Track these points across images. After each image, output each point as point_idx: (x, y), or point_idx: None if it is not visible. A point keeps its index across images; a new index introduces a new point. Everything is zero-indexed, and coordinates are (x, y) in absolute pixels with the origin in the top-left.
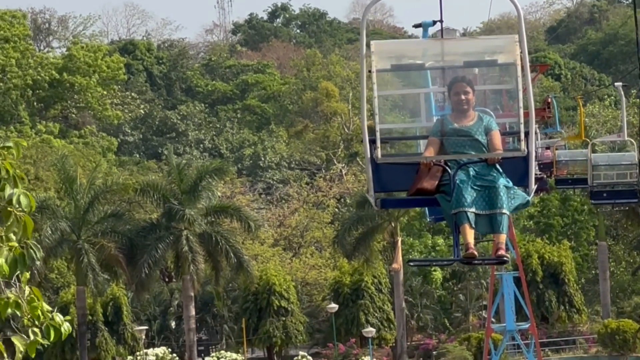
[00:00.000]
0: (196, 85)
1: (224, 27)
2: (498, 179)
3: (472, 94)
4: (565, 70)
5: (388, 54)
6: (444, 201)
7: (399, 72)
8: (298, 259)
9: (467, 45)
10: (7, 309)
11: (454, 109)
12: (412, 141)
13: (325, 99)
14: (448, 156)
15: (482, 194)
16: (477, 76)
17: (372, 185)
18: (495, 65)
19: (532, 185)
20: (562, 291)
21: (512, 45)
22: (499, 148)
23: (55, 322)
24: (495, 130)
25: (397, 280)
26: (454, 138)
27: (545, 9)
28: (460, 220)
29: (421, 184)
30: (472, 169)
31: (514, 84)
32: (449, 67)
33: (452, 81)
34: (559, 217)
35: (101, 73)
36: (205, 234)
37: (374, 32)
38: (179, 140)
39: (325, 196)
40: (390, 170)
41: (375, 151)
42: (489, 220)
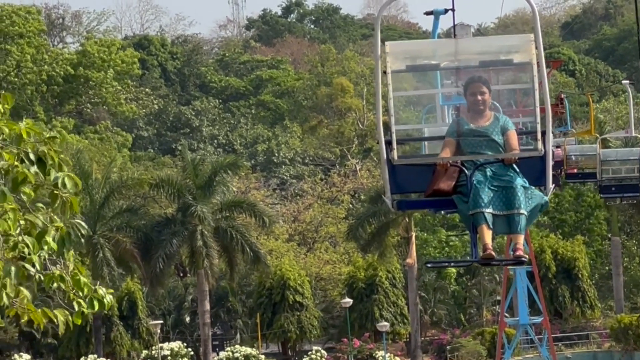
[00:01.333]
0: (210, 81)
1: (238, 23)
2: (515, 179)
3: (489, 94)
4: (580, 66)
5: (403, 54)
6: (461, 202)
7: (414, 72)
8: (312, 254)
9: (482, 45)
10: (53, 283)
11: (470, 109)
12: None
13: (339, 95)
14: (465, 157)
15: (499, 194)
16: (492, 74)
17: (388, 186)
18: (511, 64)
19: (550, 184)
20: (575, 286)
21: (527, 45)
22: (515, 148)
23: (98, 295)
24: (511, 130)
25: (411, 275)
26: (471, 138)
27: (561, 4)
28: (478, 221)
29: (438, 185)
30: (489, 170)
31: (530, 84)
32: (464, 67)
33: (468, 81)
34: (573, 212)
35: (116, 67)
36: (220, 229)
37: (388, 27)
38: (193, 135)
39: (340, 191)
40: (406, 171)
41: (392, 152)
42: (507, 221)
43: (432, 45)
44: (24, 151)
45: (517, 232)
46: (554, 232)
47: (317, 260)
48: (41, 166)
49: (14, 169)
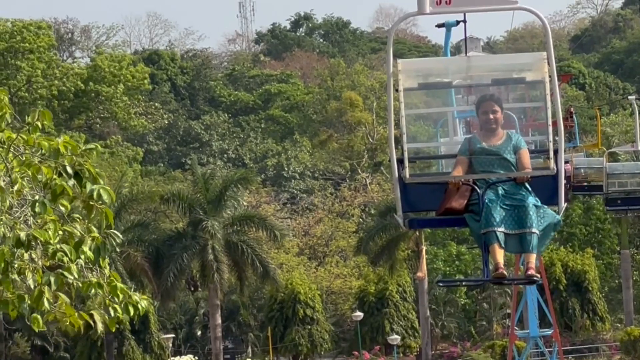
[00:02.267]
0: (220, 96)
1: (247, 37)
2: (527, 197)
3: (501, 112)
4: (590, 80)
5: (415, 72)
6: (472, 221)
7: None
8: (323, 267)
9: (494, 63)
10: (91, 289)
11: (482, 127)
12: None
13: (349, 109)
14: (477, 175)
15: (511, 213)
16: (503, 91)
17: (400, 205)
18: (523, 83)
19: (562, 203)
20: (585, 299)
21: (540, 63)
22: (528, 167)
23: (132, 300)
24: (524, 149)
25: (422, 289)
26: (483, 157)
27: (570, 17)
28: (490, 240)
29: (450, 204)
30: (501, 188)
31: (542, 102)
32: (476, 84)
33: (480, 100)
34: (583, 225)
35: (126, 82)
36: (231, 243)
37: (398, 41)
38: (203, 150)
39: (350, 205)
40: (418, 190)
41: (403, 171)
42: (519, 240)
43: (444, 63)
44: (61, 165)
45: (529, 251)
46: (564, 245)
47: (327, 274)
48: (78, 179)
49: (52, 182)
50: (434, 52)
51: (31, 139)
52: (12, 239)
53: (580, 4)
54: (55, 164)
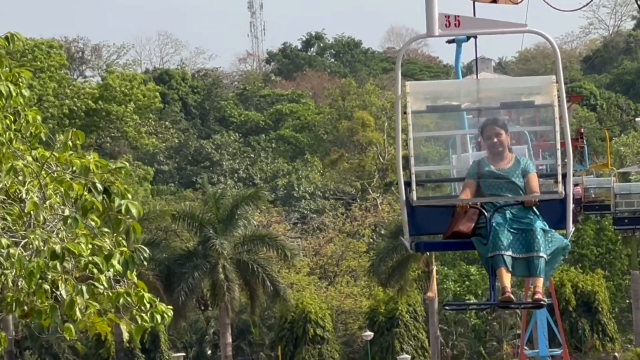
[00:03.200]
0: (230, 115)
1: (258, 56)
2: (535, 221)
3: (505, 134)
4: (601, 100)
5: (424, 95)
6: (480, 244)
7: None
8: (333, 287)
9: (503, 86)
10: (120, 299)
11: (489, 151)
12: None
13: (360, 129)
14: (484, 199)
15: (519, 237)
16: (512, 113)
17: (407, 228)
18: (533, 106)
19: (570, 228)
20: (595, 320)
21: (549, 87)
22: (536, 191)
23: (158, 310)
24: (532, 173)
25: (432, 309)
26: (491, 180)
27: (582, 38)
28: (497, 263)
29: (457, 227)
30: (509, 212)
31: (551, 125)
32: (485, 108)
33: (483, 125)
34: (593, 246)
35: (137, 101)
36: (242, 262)
37: (409, 61)
38: (213, 169)
39: (361, 225)
40: (425, 213)
41: (411, 194)
42: (526, 264)
43: (453, 86)
44: (91, 182)
45: (537, 276)
46: (575, 266)
47: (338, 294)
48: (107, 195)
49: (83, 198)
50: (445, 72)
51: (63, 157)
52: (47, 251)
53: (592, 24)
54: (86, 181)
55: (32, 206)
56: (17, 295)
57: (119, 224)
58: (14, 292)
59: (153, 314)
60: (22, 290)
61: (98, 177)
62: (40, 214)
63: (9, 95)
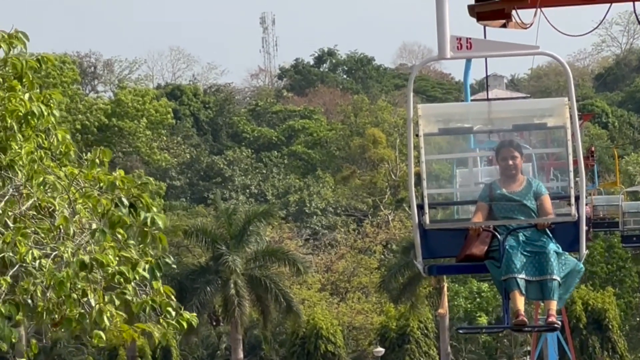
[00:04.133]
0: (243, 131)
1: (270, 72)
2: (548, 244)
3: (520, 158)
4: (613, 118)
5: (435, 117)
6: (493, 267)
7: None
8: (345, 303)
9: (515, 108)
10: (145, 307)
11: (502, 173)
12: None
13: (372, 146)
14: (497, 222)
15: (532, 259)
16: (525, 134)
17: (420, 251)
18: (545, 128)
19: (583, 250)
20: (605, 337)
21: (561, 109)
22: (550, 213)
23: (183, 318)
24: (545, 195)
25: (443, 325)
26: (503, 203)
27: (594, 56)
28: (510, 286)
29: (470, 250)
30: (522, 235)
31: (563, 148)
32: (497, 130)
33: (500, 146)
34: (603, 264)
35: (149, 117)
36: (254, 278)
37: (421, 78)
38: (225, 185)
39: (372, 242)
40: (438, 236)
41: (423, 217)
42: (540, 287)
43: (465, 108)
44: (117, 197)
45: (550, 298)
46: (585, 283)
47: (349, 310)
48: (133, 209)
49: (110, 213)
50: (457, 89)
51: (90, 174)
52: (76, 262)
53: (605, 42)
54: (112, 196)
55: (62, 220)
56: (47, 305)
57: (146, 235)
58: (45, 301)
59: (179, 321)
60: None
61: (124, 192)
62: (71, 227)
63: (40, 115)
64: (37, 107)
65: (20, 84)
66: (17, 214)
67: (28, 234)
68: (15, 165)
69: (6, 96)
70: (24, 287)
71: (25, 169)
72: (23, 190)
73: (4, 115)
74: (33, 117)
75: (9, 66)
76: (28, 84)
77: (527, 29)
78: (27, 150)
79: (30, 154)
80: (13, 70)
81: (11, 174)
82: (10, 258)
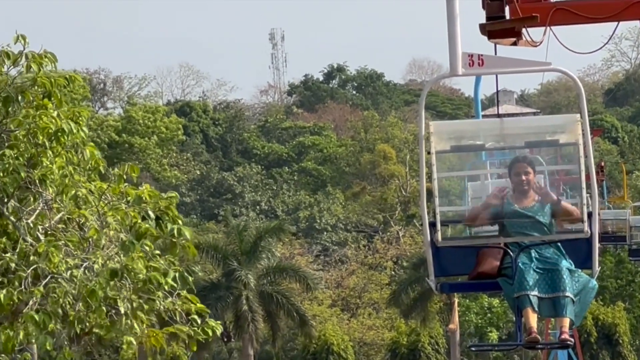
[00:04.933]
0: (252, 147)
1: (279, 88)
2: (561, 261)
3: (533, 174)
4: (623, 133)
5: (447, 134)
6: (505, 284)
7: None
8: (356, 319)
9: (527, 125)
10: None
11: (515, 189)
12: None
13: (382, 162)
14: (509, 239)
15: (545, 276)
16: (533, 150)
17: (432, 269)
18: (557, 145)
19: (596, 267)
20: (616, 352)
21: (573, 125)
22: (575, 211)
23: (209, 326)
24: (563, 202)
25: (454, 341)
26: (516, 220)
27: (604, 71)
28: (523, 304)
29: (482, 268)
30: (534, 251)
31: (575, 164)
32: (509, 147)
33: (513, 161)
34: (613, 279)
35: (160, 134)
36: (265, 293)
37: (431, 93)
38: (236, 201)
39: (383, 258)
40: (450, 253)
41: (435, 234)
42: (552, 304)
43: (477, 125)
44: (144, 210)
45: (563, 316)
46: (595, 298)
47: (360, 326)
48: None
49: (137, 225)
50: (467, 105)
51: (117, 189)
52: (107, 271)
53: (614, 57)
54: (140, 209)
55: (93, 232)
56: (78, 315)
57: (174, 246)
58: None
59: (205, 328)
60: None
61: (151, 205)
62: (101, 238)
63: (70, 132)
64: (67, 124)
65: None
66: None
67: (59, 246)
68: (47, 180)
69: (37, 114)
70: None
71: (55, 184)
72: (53, 204)
73: (35, 132)
74: (63, 134)
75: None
76: (57, 101)
77: (537, 46)
78: (58, 166)
79: (61, 169)
80: (42, 88)
81: (42, 189)
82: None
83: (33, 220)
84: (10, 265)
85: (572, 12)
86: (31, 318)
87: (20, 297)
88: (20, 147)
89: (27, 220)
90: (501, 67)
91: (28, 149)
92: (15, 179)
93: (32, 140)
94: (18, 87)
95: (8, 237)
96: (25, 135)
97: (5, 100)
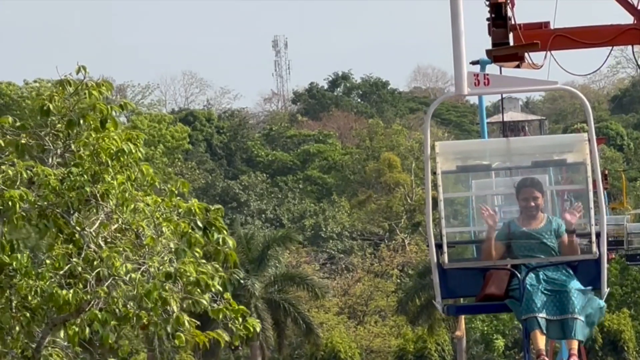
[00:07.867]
0: (257, 156)
1: (283, 96)
2: (569, 282)
3: (541, 198)
4: (628, 140)
5: (453, 155)
6: (514, 306)
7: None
8: (362, 327)
9: (534, 145)
10: (220, 315)
11: (522, 212)
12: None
13: (387, 170)
14: (517, 260)
15: (553, 298)
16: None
17: (438, 291)
18: (564, 165)
19: (605, 288)
20: (621, 358)
21: (581, 145)
22: (573, 249)
23: (249, 324)
24: (565, 235)
25: (460, 348)
26: (522, 241)
27: (609, 77)
28: (531, 326)
29: (490, 290)
30: (542, 273)
31: (583, 184)
32: (516, 167)
33: (520, 185)
34: (618, 286)
35: (165, 143)
36: (273, 301)
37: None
38: (241, 210)
39: (389, 266)
40: (457, 275)
41: (442, 256)
42: (561, 326)
43: (483, 145)
44: (193, 221)
45: (571, 338)
46: None
47: (367, 333)
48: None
49: (187, 234)
50: (471, 112)
51: (169, 203)
52: (162, 274)
53: (620, 64)
54: (190, 220)
55: (150, 240)
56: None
57: (219, 253)
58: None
59: (246, 326)
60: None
61: (200, 217)
62: (157, 245)
63: (130, 152)
64: (126, 145)
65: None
66: (106, 235)
67: (120, 252)
68: (110, 194)
69: (100, 136)
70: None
71: (116, 197)
72: (113, 215)
73: (98, 152)
74: (123, 154)
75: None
76: (112, 125)
77: (539, 69)
78: (119, 182)
79: (121, 184)
80: (100, 114)
81: (104, 202)
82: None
83: (95, 230)
84: (76, 269)
85: (570, 38)
86: (95, 316)
87: (85, 297)
88: (84, 165)
89: (90, 230)
90: (507, 86)
91: (92, 167)
92: (81, 193)
93: (95, 160)
94: (79, 112)
95: (74, 245)
96: (89, 155)
97: (69, 123)
